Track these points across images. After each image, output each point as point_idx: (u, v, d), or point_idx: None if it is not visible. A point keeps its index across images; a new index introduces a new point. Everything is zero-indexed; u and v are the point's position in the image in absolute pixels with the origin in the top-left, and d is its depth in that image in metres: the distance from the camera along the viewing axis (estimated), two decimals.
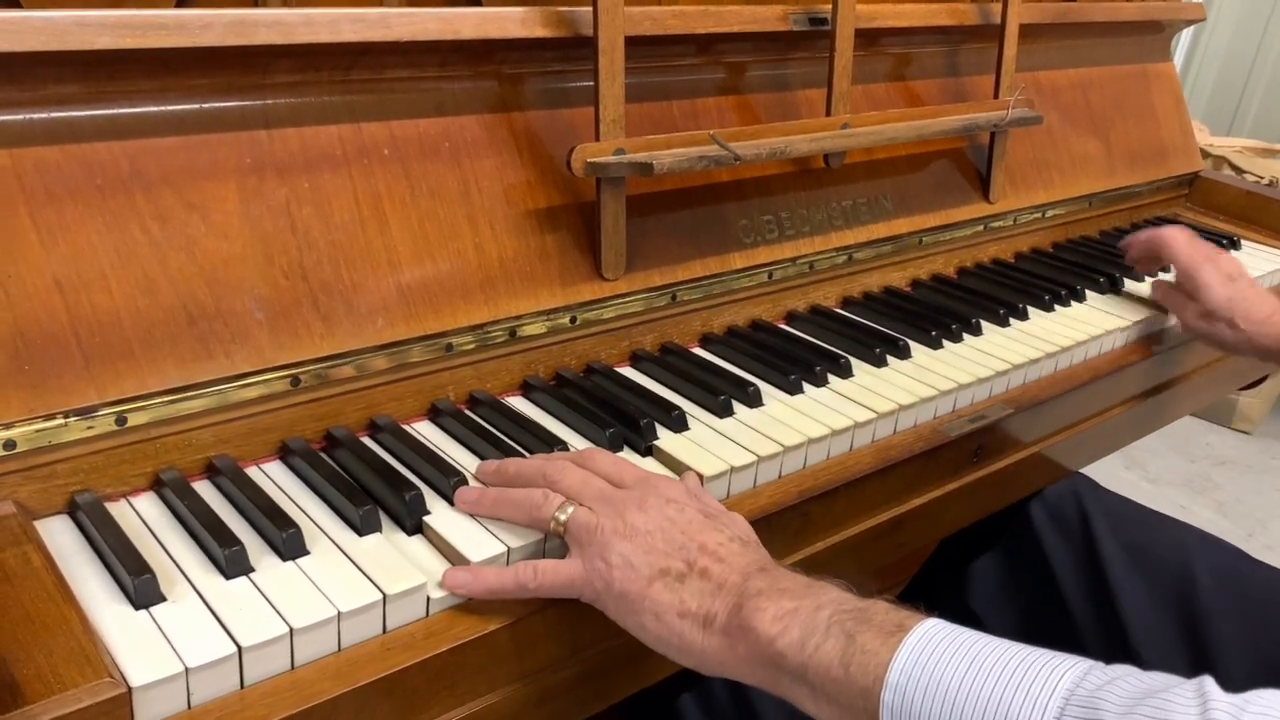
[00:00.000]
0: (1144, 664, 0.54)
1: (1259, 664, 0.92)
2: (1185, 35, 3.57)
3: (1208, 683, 0.50)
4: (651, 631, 0.64)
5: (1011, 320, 1.11)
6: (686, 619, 0.63)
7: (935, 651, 0.55)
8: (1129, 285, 1.26)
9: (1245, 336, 1.09)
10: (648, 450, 0.81)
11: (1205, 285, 1.11)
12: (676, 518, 0.66)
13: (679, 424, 0.84)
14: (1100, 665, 0.53)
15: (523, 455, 0.77)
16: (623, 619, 0.65)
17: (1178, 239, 1.17)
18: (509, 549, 0.68)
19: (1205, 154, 2.67)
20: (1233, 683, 0.50)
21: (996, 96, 1.24)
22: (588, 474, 0.70)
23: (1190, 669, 0.59)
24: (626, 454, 0.80)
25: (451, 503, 0.72)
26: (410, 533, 0.70)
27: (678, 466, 0.79)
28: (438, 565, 0.67)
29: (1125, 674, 0.52)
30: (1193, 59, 3.66)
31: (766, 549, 0.68)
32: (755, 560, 0.65)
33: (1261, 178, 2.64)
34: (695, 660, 0.64)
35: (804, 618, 0.59)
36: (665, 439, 0.82)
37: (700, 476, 0.77)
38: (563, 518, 0.67)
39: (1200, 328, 1.12)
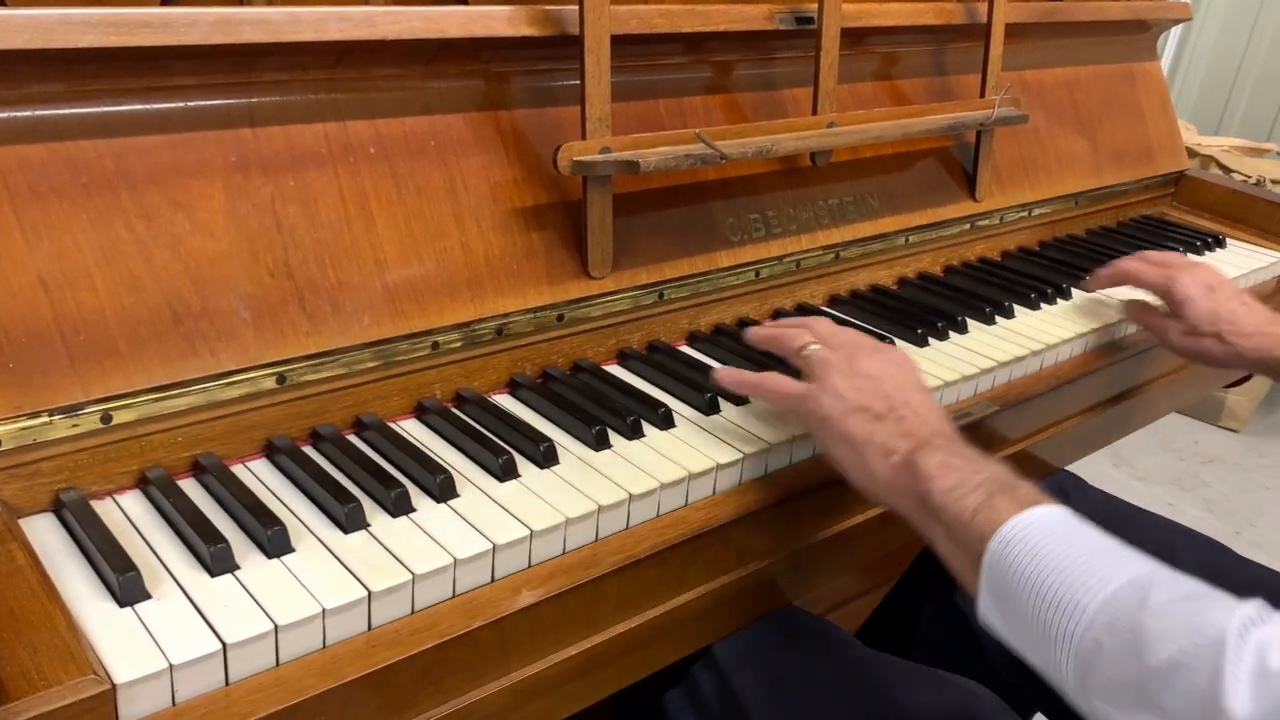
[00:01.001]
0: None
1: None
2: (1173, 34, 3.58)
3: (1257, 602, 0.56)
4: (839, 452, 0.77)
5: (998, 318, 1.12)
6: (870, 447, 0.75)
7: (1049, 526, 0.64)
8: None
9: (1235, 350, 1.02)
10: None
11: (1186, 299, 1.04)
12: (897, 376, 0.78)
13: (665, 421, 0.84)
14: (1168, 573, 0.61)
15: (509, 451, 0.76)
16: (821, 439, 0.79)
17: (1136, 264, 1.11)
18: (494, 545, 0.68)
19: (1193, 153, 2.68)
20: None
21: (982, 95, 1.24)
22: (839, 327, 0.86)
23: None
24: None
25: (437, 500, 0.72)
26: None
27: (664, 464, 0.79)
28: (424, 563, 0.67)
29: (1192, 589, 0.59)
30: (1180, 58, 3.68)
31: (750, 545, 0.68)
32: (946, 429, 0.76)
33: (1249, 177, 2.65)
34: (865, 482, 0.76)
35: (962, 474, 0.70)
36: (652, 436, 0.82)
37: (686, 474, 0.77)
38: (807, 352, 0.82)
39: (1186, 346, 1.05)
